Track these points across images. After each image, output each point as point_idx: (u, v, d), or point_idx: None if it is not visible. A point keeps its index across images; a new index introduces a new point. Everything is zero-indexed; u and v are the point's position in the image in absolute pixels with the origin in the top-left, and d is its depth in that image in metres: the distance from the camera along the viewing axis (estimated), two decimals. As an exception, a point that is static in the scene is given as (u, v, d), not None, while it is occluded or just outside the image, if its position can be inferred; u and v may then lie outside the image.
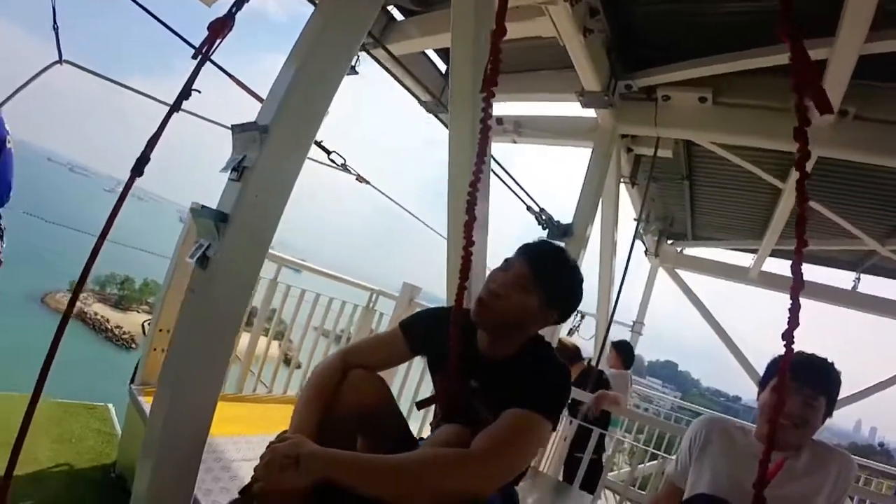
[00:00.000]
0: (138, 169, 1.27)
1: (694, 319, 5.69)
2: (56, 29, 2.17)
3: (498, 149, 4.35)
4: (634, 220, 4.61)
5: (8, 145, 2.25)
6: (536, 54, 3.51)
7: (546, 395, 1.25)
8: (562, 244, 1.49)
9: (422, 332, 1.51)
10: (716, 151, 3.56)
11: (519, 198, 3.64)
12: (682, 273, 5.80)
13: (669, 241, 6.00)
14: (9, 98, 2.06)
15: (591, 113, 3.57)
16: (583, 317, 4.79)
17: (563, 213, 3.66)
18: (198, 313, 1.27)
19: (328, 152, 3.36)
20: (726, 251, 5.85)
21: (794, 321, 0.70)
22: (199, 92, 1.34)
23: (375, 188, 4.35)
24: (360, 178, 3.92)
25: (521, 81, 3.83)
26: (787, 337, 0.71)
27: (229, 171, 1.31)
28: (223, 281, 1.27)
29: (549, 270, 1.36)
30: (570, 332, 4.73)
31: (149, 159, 1.28)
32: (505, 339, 1.37)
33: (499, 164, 3.81)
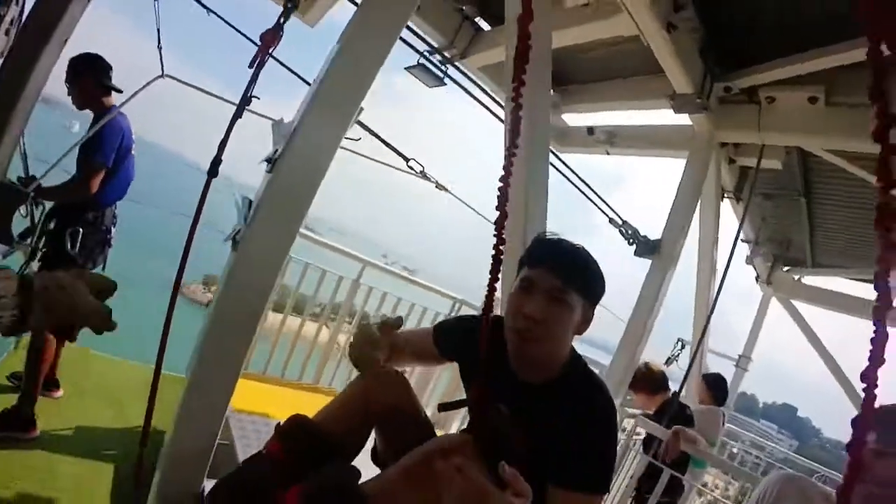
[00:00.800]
0: (213, 171, 1.37)
1: (817, 359, 4.91)
2: (160, 48, 2.47)
3: (582, 160, 4.17)
4: (743, 241, 4.12)
5: (132, 152, 2.60)
6: (625, 59, 3.31)
7: (597, 468, 1.12)
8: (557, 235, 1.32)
9: (453, 338, 1.45)
10: (835, 162, 3.05)
11: (598, 208, 3.44)
12: (800, 305, 5.01)
13: (785, 268, 5.21)
14: (123, 104, 2.36)
15: (687, 120, 3.28)
16: (683, 346, 4.37)
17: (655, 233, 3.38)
18: (228, 290, 1.37)
19: (406, 159, 3.44)
20: (854, 282, 4.94)
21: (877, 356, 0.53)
22: (258, 98, 1.43)
23: (455, 196, 4.38)
24: (439, 186, 3.96)
25: (611, 89, 3.64)
26: (868, 378, 0.54)
27: (266, 164, 1.38)
28: (248, 262, 1.35)
29: (575, 266, 1.21)
30: (668, 362, 4.33)
31: (220, 161, 1.39)
32: (539, 364, 1.23)
33: (572, 170, 3.66)
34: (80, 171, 2.40)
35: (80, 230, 2.42)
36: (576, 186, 3.75)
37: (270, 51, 1.45)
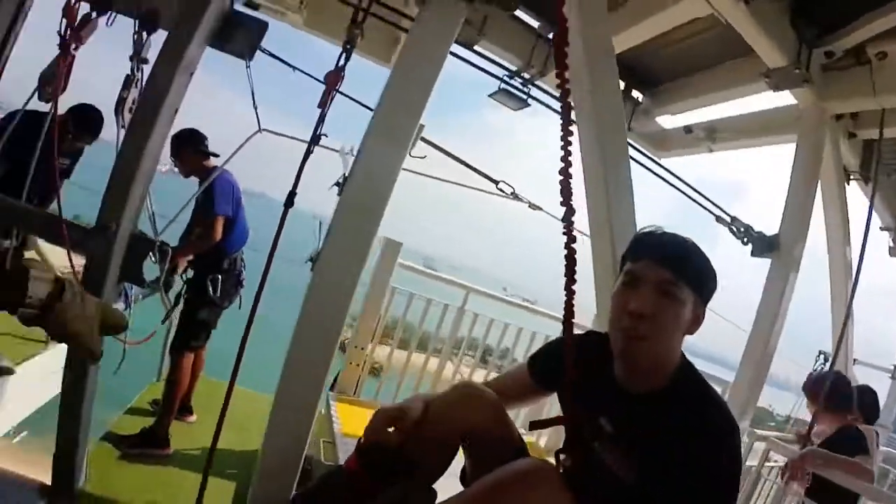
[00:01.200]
0: (289, 202, 1.50)
1: None
2: (255, 106, 2.75)
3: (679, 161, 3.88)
4: (882, 229, 3.52)
5: (242, 203, 2.94)
6: (709, 46, 3.06)
7: (704, 495, 0.98)
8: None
9: (548, 363, 1.37)
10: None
11: (703, 207, 3.14)
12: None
13: (945, 262, 4.32)
14: (227, 161, 2.65)
15: (791, 99, 2.91)
16: (826, 359, 3.75)
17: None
18: (309, 307, 1.46)
19: (496, 182, 3.43)
20: None
21: None
22: (327, 136, 1.55)
23: (549, 214, 4.26)
24: (532, 206, 3.89)
25: (702, 81, 3.39)
26: None
27: (337, 188, 1.47)
28: (326, 279, 1.44)
29: (684, 257, 1.11)
30: None
31: (295, 193, 1.52)
32: (647, 370, 1.12)
33: (673, 173, 3.38)
34: (202, 225, 2.75)
35: (220, 277, 2.78)
36: (678, 190, 3.46)
37: (335, 90, 1.56)
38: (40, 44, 2.09)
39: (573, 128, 1.12)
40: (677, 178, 3.38)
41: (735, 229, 2.78)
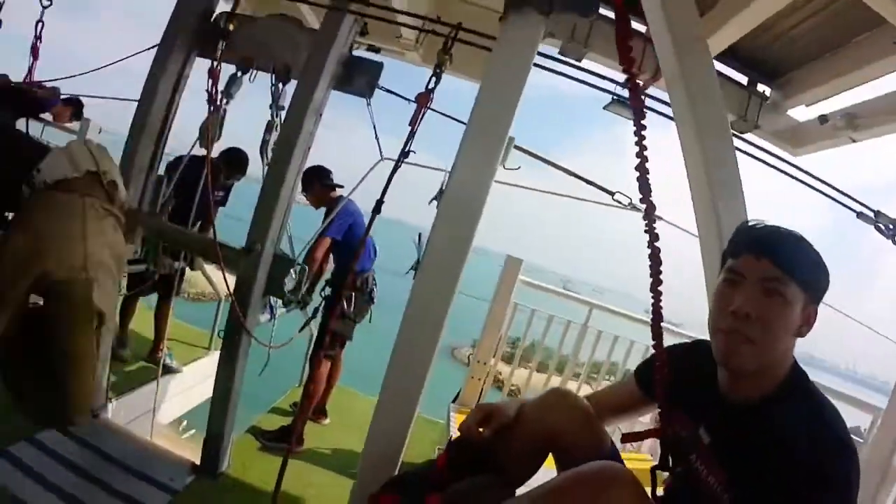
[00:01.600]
0: (377, 209, 1.71)
1: None
2: (377, 137, 3.03)
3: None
4: None
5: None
6: (836, 21, 2.74)
7: None
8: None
9: (652, 374, 1.32)
10: None
11: (841, 203, 2.77)
12: None
13: None
14: (352, 191, 2.95)
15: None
16: None
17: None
18: (410, 313, 1.58)
19: (611, 193, 3.37)
20: None
21: None
22: (415, 152, 1.72)
23: (669, 223, 4.04)
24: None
25: (833, 63, 3.02)
26: None
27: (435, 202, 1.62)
28: (426, 286, 1.55)
29: (793, 252, 1.02)
30: None
31: (383, 201, 1.73)
32: (753, 376, 1.04)
33: (792, 165, 3.02)
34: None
35: (353, 294, 3.13)
36: (813, 188, 3.09)
37: (425, 109, 1.73)
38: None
39: (645, 122, 1.13)
40: (811, 175, 3.04)
41: (882, 226, 2.40)
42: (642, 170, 1.14)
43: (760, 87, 3.39)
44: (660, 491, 1.27)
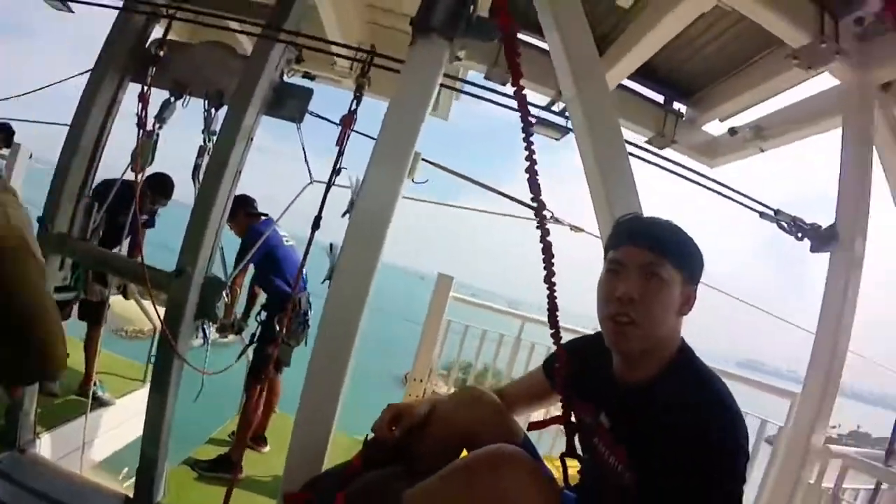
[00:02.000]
0: (316, 225, 1.77)
1: None
2: (307, 161, 3.08)
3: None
4: None
5: (287, 244, 3.24)
6: (740, 42, 3.02)
7: (695, 493, 0.92)
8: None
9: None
10: None
11: (743, 205, 2.97)
12: None
13: None
14: (281, 215, 2.97)
15: (835, 81, 2.77)
16: None
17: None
18: (325, 322, 1.61)
19: (532, 208, 3.53)
20: None
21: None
22: (346, 168, 1.79)
23: (593, 235, 4.25)
24: (574, 228, 3.93)
25: (740, 80, 3.31)
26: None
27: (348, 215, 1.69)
28: (337, 295, 1.58)
29: (666, 237, 1.11)
30: None
31: (321, 217, 1.78)
32: (643, 358, 1.10)
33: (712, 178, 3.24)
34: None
35: (287, 318, 3.10)
36: (721, 195, 3.34)
37: (349, 130, 1.81)
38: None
39: (532, 129, 1.24)
40: (722, 184, 3.27)
41: (783, 224, 2.61)
42: (532, 171, 1.24)
43: (676, 105, 3.66)
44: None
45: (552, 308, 1.30)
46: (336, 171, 1.86)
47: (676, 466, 0.93)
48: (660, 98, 3.70)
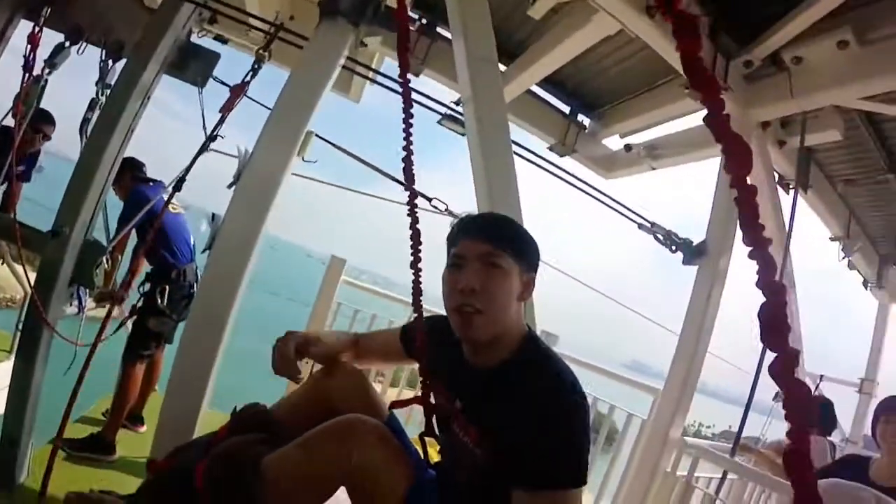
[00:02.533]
0: (178, 187, 1.68)
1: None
2: (205, 128, 2.89)
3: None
4: (832, 239, 3.63)
5: (174, 211, 3.03)
6: (643, 66, 3.25)
7: (564, 457, 1.00)
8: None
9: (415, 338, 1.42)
10: (884, 111, 2.64)
11: (625, 217, 3.22)
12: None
13: (900, 267, 4.34)
14: (174, 180, 2.76)
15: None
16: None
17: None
18: (203, 290, 1.57)
19: (429, 199, 3.58)
20: None
21: None
22: (223, 137, 1.72)
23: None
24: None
25: (642, 102, 3.57)
26: None
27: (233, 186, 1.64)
28: (215, 266, 1.55)
29: (501, 228, 1.19)
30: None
31: (184, 179, 1.68)
32: (490, 344, 1.15)
33: (601, 191, 3.46)
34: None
35: (167, 287, 2.91)
36: (600, 201, 3.56)
37: (238, 100, 1.76)
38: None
39: (412, 119, 1.27)
40: (604, 193, 3.50)
41: (658, 236, 2.88)
42: (408, 161, 1.28)
43: (581, 118, 3.87)
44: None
45: (417, 292, 1.35)
46: (212, 138, 1.79)
47: (530, 440, 1.01)
48: (566, 108, 3.90)
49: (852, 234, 3.91)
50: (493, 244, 1.13)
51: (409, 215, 1.29)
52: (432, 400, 1.35)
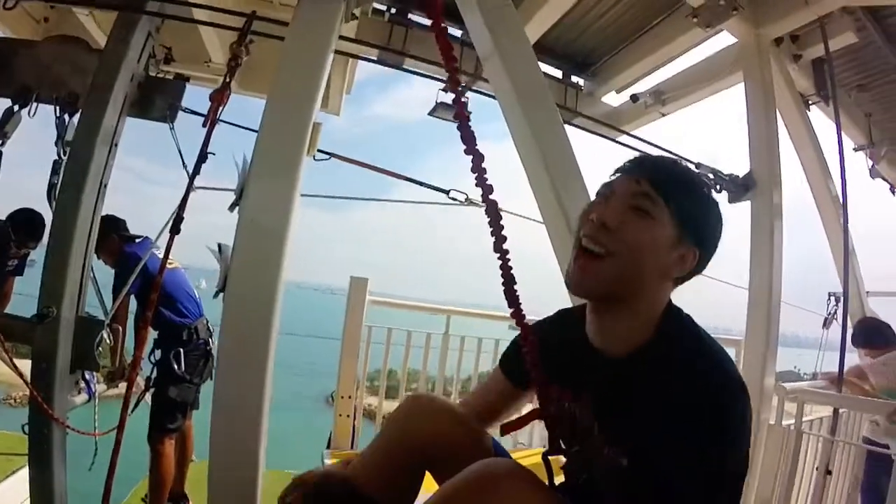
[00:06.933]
0: (176, 230, 1.40)
1: None
2: (184, 165, 2.61)
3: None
4: (855, 149, 3.44)
5: (172, 266, 2.73)
6: (636, 11, 3.02)
7: (695, 479, 0.78)
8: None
9: (519, 357, 1.10)
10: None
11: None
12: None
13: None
14: (159, 234, 2.47)
15: (731, 39, 2.87)
16: (838, 300, 3.58)
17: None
18: (222, 345, 1.28)
19: (446, 192, 3.34)
20: None
21: None
22: (214, 154, 1.47)
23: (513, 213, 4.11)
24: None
25: (638, 47, 3.33)
26: None
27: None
28: (234, 304, 1.27)
29: (679, 179, 0.92)
30: (826, 324, 3.62)
31: (182, 218, 1.42)
32: (622, 319, 0.92)
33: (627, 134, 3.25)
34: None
35: (181, 350, 2.64)
36: (634, 149, 3.34)
37: (221, 110, 1.50)
38: None
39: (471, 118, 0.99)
40: (638, 138, 3.27)
41: (708, 176, 2.64)
42: (474, 153, 0.98)
43: (575, 79, 3.66)
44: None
45: (508, 280, 1.04)
46: (202, 158, 1.53)
47: (674, 445, 0.78)
48: (558, 73, 3.71)
49: (875, 140, 3.70)
50: (655, 187, 0.87)
51: (490, 225, 0.98)
52: (551, 408, 1.06)
